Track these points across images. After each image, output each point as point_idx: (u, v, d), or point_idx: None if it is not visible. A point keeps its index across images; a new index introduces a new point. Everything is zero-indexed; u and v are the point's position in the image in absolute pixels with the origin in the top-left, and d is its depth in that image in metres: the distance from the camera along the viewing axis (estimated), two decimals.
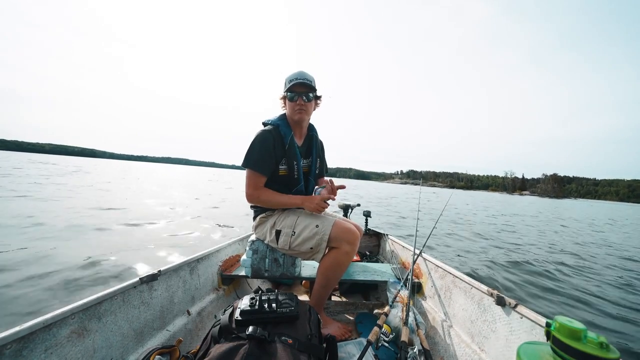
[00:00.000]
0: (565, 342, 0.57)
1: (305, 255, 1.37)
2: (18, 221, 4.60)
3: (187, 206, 8.09)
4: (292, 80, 1.35)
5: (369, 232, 2.48)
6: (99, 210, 6.14)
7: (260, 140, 1.36)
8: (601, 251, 6.19)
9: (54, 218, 5.04)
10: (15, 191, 8.07)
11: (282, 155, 1.39)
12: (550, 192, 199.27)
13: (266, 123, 1.45)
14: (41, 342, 0.72)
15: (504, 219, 11.64)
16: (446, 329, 1.27)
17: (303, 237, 1.33)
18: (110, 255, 3.36)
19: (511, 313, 0.99)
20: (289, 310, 0.87)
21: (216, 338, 0.83)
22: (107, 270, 2.89)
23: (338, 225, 1.31)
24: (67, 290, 2.47)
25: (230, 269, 1.66)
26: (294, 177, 1.43)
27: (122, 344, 0.94)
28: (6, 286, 2.43)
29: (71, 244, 3.69)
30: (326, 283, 1.34)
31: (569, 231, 9.55)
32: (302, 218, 1.38)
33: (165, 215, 6.31)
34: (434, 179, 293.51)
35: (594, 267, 4.58)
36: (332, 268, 1.32)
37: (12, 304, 2.20)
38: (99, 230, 4.49)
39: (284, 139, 1.39)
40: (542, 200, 70.93)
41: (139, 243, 3.95)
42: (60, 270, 2.82)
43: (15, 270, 2.75)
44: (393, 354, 1.17)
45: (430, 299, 1.51)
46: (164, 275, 1.15)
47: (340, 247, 1.30)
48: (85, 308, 0.84)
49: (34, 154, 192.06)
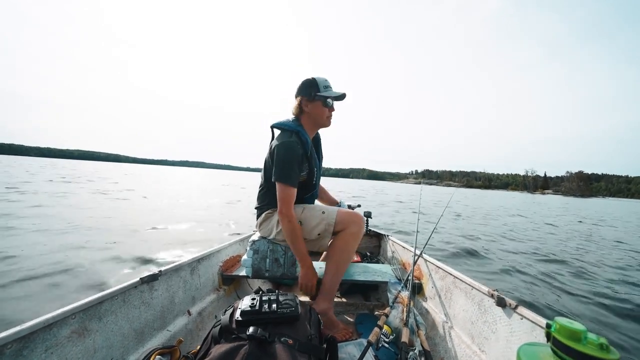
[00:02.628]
0: (566, 343, 0.57)
1: (314, 244, 1.39)
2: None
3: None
4: (329, 87, 1.39)
5: (370, 232, 2.47)
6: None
7: (291, 153, 1.30)
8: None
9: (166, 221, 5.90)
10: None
11: (305, 162, 1.38)
12: (575, 191, 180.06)
13: (280, 127, 1.40)
14: (42, 342, 0.72)
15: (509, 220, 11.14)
16: (447, 330, 1.27)
17: (310, 225, 1.36)
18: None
19: (511, 314, 0.99)
20: (289, 311, 0.87)
21: (216, 338, 0.83)
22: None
23: (342, 211, 1.39)
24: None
25: (231, 269, 1.66)
26: (312, 183, 1.44)
27: (122, 344, 0.94)
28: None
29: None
30: (336, 269, 1.36)
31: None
32: (308, 208, 1.42)
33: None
34: (450, 178, 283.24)
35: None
36: (340, 250, 1.35)
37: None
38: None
39: (305, 146, 1.36)
40: (566, 199, 67.75)
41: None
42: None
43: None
44: (393, 355, 1.17)
45: (430, 300, 1.51)
46: (165, 275, 1.16)
47: (346, 228, 1.34)
48: (86, 308, 0.84)
49: (75, 161, 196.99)
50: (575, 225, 10.44)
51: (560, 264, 4.45)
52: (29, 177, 16.09)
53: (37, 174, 19.69)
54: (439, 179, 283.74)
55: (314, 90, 1.37)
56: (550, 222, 10.58)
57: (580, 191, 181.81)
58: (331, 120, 1.45)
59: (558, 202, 37.46)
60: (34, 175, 18.76)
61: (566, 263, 4.49)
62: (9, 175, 16.57)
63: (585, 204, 40.25)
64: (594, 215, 16.30)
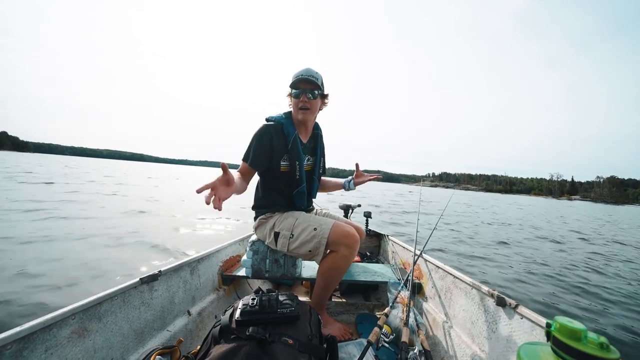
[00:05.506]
0: (566, 342, 0.57)
1: (305, 257, 1.37)
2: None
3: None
4: (297, 76, 1.33)
5: (370, 232, 2.47)
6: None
7: (257, 134, 1.35)
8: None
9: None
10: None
11: (284, 152, 1.39)
12: (606, 197, 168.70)
13: (269, 119, 1.43)
14: (41, 342, 0.72)
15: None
16: (447, 329, 1.27)
17: (301, 240, 1.32)
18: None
19: (512, 314, 0.98)
20: (289, 311, 0.86)
21: (217, 338, 0.83)
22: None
23: (337, 229, 1.28)
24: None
25: (231, 269, 1.66)
26: (296, 178, 1.42)
27: (122, 344, 0.94)
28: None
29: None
30: (326, 285, 1.34)
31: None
32: (301, 220, 1.36)
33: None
34: (469, 181, 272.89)
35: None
36: (330, 271, 1.31)
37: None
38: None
39: (287, 138, 1.38)
40: (596, 206, 64.25)
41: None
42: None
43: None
44: (393, 355, 1.17)
45: (430, 300, 1.51)
46: (165, 276, 1.15)
47: (338, 250, 1.28)
48: (86, 308, 0.84)
49: (109, 160, 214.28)
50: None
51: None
52: (122, 179, 19.21)
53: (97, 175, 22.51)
54: (457, 182, 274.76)
55: (291, 85, 1.38)
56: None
57: (613, 198, 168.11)
58: (306, 114, 1.38)
59: (590, 209, 35.38)
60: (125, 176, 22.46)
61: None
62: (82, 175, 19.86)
63: (617, 211, 37.93)
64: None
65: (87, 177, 17.53)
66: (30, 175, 15.61)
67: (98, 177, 19.09)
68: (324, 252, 1.30)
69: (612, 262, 5.32)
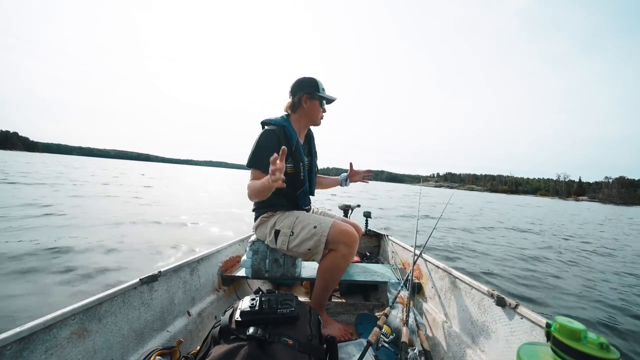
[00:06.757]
0: (566, 342, 0.57)
1: (304, 256, 1.38)
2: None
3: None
4: (333, 98, 1.49)
5: (369, 232, 2.47)
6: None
7: (266, 140, 1.36)
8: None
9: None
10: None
11: (289, 154, 1.41)
12: (615, 198, 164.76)
13: (268, 123, 1.45)
14: (41, 343, 0.72)
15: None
16: (446, 329, 1.27)
17: (301, 238, 1.33)
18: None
19: (511, 314, 0.99)
20: (289, 311, 0.87)
21: (216, 339, 0.83)
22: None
23: (336, 227, 1.30)
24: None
25: (231, 269, 1.66)
26: (300, 178, 1.44)
27: (122, 344, 0.94)
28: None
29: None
30: (325, 285, 1.35)
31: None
32: (301, 219, 1.37)
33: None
34: (474, 182, 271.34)
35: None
36: (330, 271, 1.32)
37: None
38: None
39: (290, 140, 1.41)
40: (606, 207, 62.62)
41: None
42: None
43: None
44: (393, 355, 1.17)
45: (430, 300, 1.51)
46: (164, 276, 1.15)
47: (337, 249, 1.29)
48: (86, 309, 0.84)
49: (120, 161, 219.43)
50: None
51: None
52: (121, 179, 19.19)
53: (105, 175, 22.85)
54: (461, 182, 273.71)
55: (315, 90, 1.44)
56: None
57: (622, 199, 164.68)
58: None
59: (601, 211, 34.28)
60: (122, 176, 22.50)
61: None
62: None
63: (630, 212, 36.92)
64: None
65: (117, 180, 17.07)
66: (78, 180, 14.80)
67: (125, 179, 19.20)
68: (323, 251, 1.31)
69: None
